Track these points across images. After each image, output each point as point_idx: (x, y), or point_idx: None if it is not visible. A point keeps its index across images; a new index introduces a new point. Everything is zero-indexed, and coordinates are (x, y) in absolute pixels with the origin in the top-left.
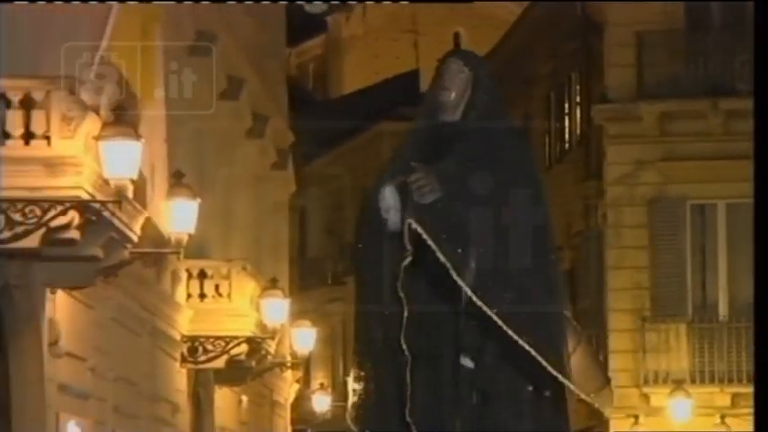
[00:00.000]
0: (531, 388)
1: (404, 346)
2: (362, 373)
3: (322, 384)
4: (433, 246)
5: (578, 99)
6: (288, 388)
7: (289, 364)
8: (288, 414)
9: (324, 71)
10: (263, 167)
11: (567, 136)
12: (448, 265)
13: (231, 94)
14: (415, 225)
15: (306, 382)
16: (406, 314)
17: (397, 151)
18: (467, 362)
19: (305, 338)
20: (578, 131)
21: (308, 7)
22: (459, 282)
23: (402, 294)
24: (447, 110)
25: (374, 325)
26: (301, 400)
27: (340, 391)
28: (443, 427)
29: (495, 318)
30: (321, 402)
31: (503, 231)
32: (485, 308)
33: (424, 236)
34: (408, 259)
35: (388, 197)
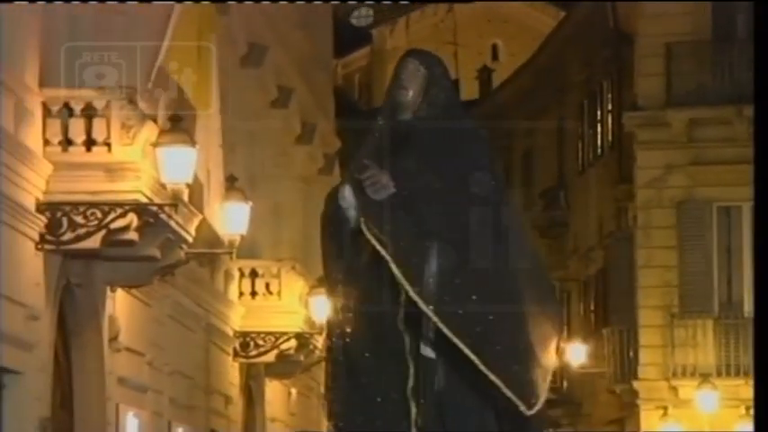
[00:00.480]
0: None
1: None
2: (334, 369)
3: None
4: (376, 244)
5: (610, 106)
6: None
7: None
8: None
9: (369, 81)
10: (312, 172)
11: (599, 141)
12: (391, 263)
13: (281, 102)
14: (363, 224)
15: None
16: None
17: (360, 151)
18: (427, 351)
19: None
20: (610, 137)
21: (354, 20)
22: (401, 280)
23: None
24: (405, 108)
25: (343, 321)
26: None
27: None
28: (409, 415)
29: (431, 315)
30: None
31: (461, 226)
32: (421, 305)
33: (368, 235)
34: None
35: (348, 195)
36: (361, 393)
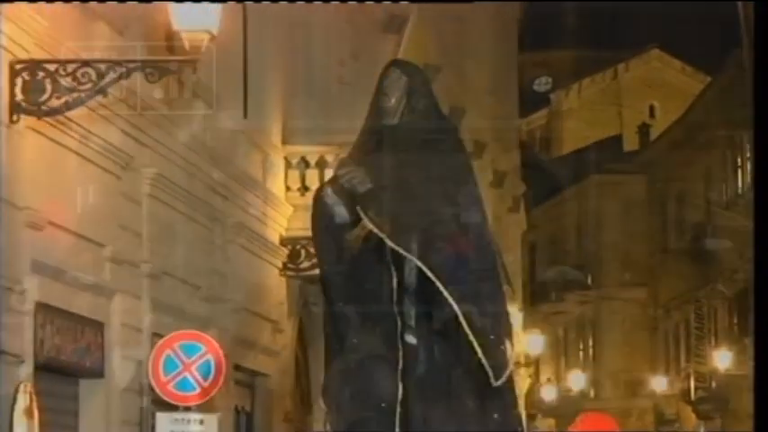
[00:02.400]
0: (468, 359)
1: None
2: (329, 357)
3: (549, 379)
4: (373, 227)
5: (748, 155)
6: (522, 382)
7: (523, 363)
8: (522, 402)
9: (548, 136)
10: (503, 211)
11: (739, 183)
12: (397, 248)
13: (477, 155)
14: (360, 210)
15: (536, 377)
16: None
17: (347, 152)
18: (410, 338)
19: (535, 343)
20: (749, 179)
21: (535, 87)
22: (400, 251)
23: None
24: (387, 113)
25: (336, 312)
26: (532, 392)
27: (563, 385)
28: (395, 397)
29: (426, 271)
30: (548, 393)
31: (437, 219)
32: (419, 263)
33: (369, 225)
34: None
35: (331, 193)
36: (350, 374)
